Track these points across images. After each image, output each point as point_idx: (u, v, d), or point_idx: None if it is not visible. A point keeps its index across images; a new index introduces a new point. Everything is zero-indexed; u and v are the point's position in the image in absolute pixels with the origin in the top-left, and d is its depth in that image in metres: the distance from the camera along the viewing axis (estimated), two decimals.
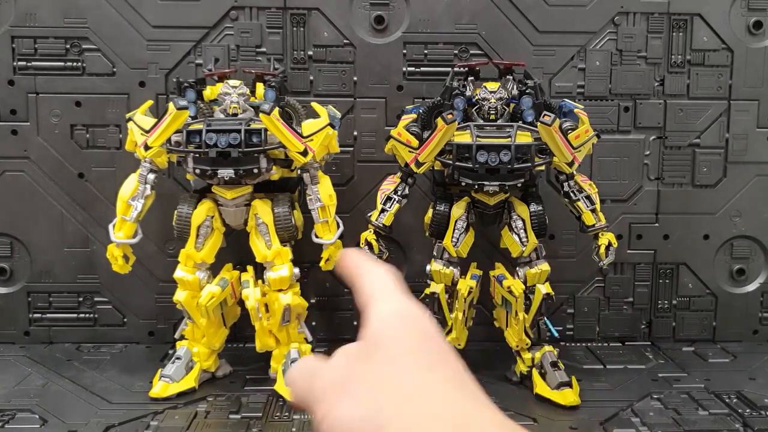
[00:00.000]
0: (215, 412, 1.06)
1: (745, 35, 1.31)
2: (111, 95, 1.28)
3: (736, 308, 1.37)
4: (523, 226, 1.11)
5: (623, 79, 1.31)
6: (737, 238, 1.36)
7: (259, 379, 1.17)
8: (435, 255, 1.14)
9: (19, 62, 1.27)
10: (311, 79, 1.29)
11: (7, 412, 1.04)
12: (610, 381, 1.18)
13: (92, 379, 1.17)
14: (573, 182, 1.12)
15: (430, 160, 1.08)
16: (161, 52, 1.27)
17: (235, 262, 1.20)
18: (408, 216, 1.27)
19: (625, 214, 1.34)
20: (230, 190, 1.11)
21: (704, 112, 1.32)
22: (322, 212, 1.11)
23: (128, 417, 1.03)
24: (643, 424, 1.02)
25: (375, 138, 1.30)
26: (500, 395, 1.12)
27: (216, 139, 1.04)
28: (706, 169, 1.34)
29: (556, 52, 1.30)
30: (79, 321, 1.33)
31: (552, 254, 1.27)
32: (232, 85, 1.10)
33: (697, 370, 1.23)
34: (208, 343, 1.15)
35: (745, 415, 1.05)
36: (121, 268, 1.14)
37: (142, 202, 1.11)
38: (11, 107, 1.28)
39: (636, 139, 1.32)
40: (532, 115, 1.08)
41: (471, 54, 1.29)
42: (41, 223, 1.31)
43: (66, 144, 1.29)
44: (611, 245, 1.12)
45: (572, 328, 1.37)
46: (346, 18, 1.28)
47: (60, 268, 1.32)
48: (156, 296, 1.33)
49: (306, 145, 1.06)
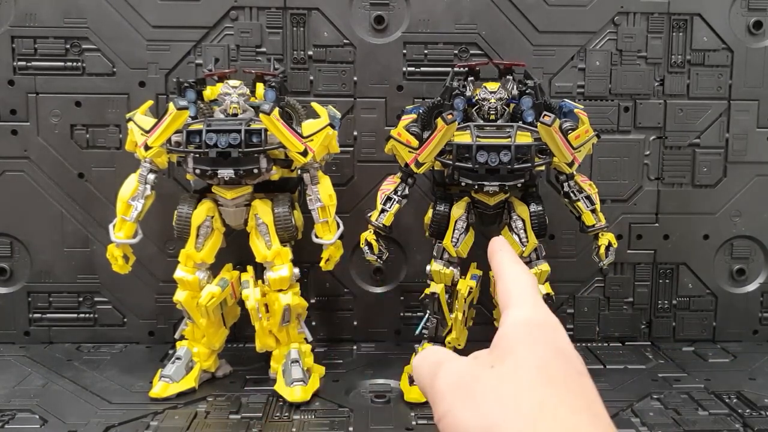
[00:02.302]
0: (215, 413, 1.06)
1: (745, 35, 1.31)
2: (111, 95, 1.28)
3: (736, 308, 1.37)
4: (523, 227, 1.11)
5: (623, 79, 1.31)
6: (737, 238, 1.36)
7: (259, 379, 1.17)
8: (435, 255, 1.14)
9: (19, 62, 1.27)
10: (311, 79, 1.29)
11: (7, 412, 1.04)
12: (610, 381, 1.18)
13: (92, 379, 1.17)
14: (573, 182, 1.12)
15: (430, 160, 1.08)
16: (161, 52, 1.27)
17: (235, 262, 1.20)
18: (408, 216, 1.27)
19: (625, 214, 1.34)
20: (230, 190, 1.11)
21: (704, 112, 1.32)
22: (322, 212, 1.11)
23: (128, 417, 1.03)
24: (643, 424, 1.02)
25: (375, 138, 1.30)
26: None
27: (216, 139, 1.04)
28: (706, 169, 1.34)
29: (556, 52, 1.30)
30: (79, 321, 1.33)
31: (552, 254, 1.27)
32: (232, 85, 1.10)
33: (697, 370, 1.23)
34: (208, 343, 1.15)
35: (745, 415, 1.05)
36: (121, 268, 1.14)
37: (142, 202, 1.11)
38: (11, 107, 1.28)
39: (636, 139, 1.32)
40: (532, 115, 1.08)
41: (471, 54, 1.29)
42: (41, 223, 1.31)
43: (66, 144, 1.29)
44: (611, 245, 1.12)
45: (572, 328, 1.37)
46: (346, 18, 1.28)
47: (60, 268, 1.32)
48: (156, 296, 1.33)
49: (306, 145, 1.06)
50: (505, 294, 0.43)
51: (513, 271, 0.45)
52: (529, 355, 0.38)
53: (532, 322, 0.40)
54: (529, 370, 0.37)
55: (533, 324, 0.40)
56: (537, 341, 0.39)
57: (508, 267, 0.45)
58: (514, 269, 0.45)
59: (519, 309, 0.41)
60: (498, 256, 0.46)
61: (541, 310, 0.41)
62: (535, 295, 0.42)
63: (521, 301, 0.42)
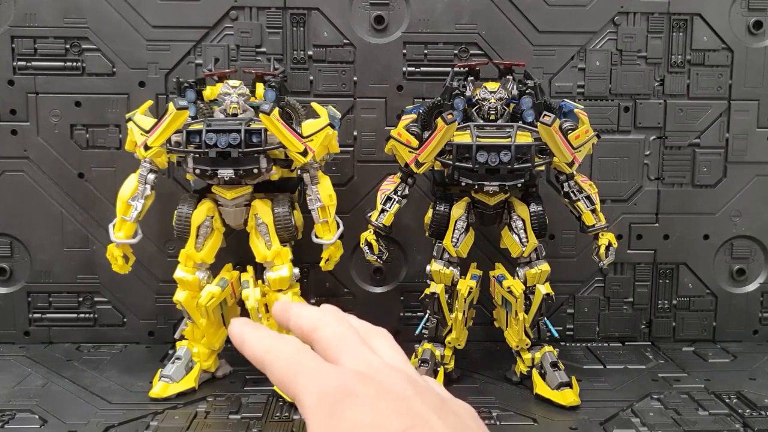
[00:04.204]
0: (215, 413, 1.06)
1: (745, 35, 1.31)
2: (111, 95, 1.28)
3: (736, 308, 1.37)
4: (523, 227, 1.11)
5: (623, 79, 1.31)
6: (737, 238, 1.36)
7: (259, 379, 1.17)
8: (435, 255, 1.14)
9: (19, 62, 1.27)
10: (311, 79, 1.29)
11: (7, 412, 1.04)
12: (610, 381, 1.18)
13: (92, 379, 1.17)
14: (573, 182, 1.12)
15: (430, 160, 1.08)
16: (161, 52, 1.27)
17: (235, 262, 1.20)
18: (408, 216, 1.27)
19: (625, 214, 1.34)
20: (230, 190, 1.11)
21: (704, 112, 1.32)
22: (322, 212, 1.11)
23: (128, 417, 1.03)
24: (643, 425, 1.02)
25: (375, 138, 1.30)
26: (500, 395, 1.12)
27: (216, 139, 1.04)
28: (706, 169, 1.34)
29: (556, 52, 1.30)
30: (79, 321, 1.33)
31: (552, 254, 1.27)
32: (232, 85, 1.10)
33: (697, 370, 1.23)
34: (208, 344, 1.15)
35: (745, 416, 1.05)
36: (121, 268, 1.14)
37: (142, 202, 1.11)
38: (11, 107, 1.28)
39: (636, 139, 1.32)
40: (532, 115, 1.08)
41: (471, 54, 1.29)
42: (41, 223, 1.31)
43: (66, 144, 1.29)
44: (611, 245, 1.12)
45: (572, 328, 1.37)
46: (346, 18, 1.28)
47: (60, 268, 1.32)
48: (156, 296, 1.33)
49: (306, 145, 1.06)
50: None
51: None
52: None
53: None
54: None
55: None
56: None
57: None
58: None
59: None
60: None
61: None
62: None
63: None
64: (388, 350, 0.44)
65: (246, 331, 0.44)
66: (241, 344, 0.44)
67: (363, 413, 0.36)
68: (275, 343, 0.43)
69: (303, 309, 0.46)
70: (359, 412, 0.36)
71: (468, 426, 0.39)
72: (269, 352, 0.42)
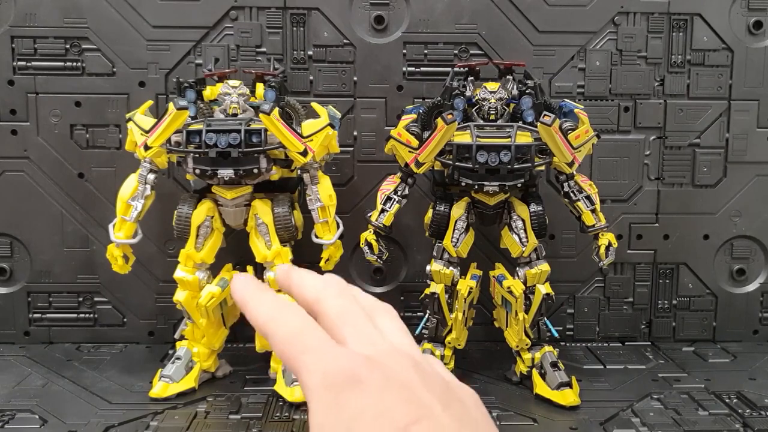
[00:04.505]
0: (215, 413, 1.06)
1: (745, 35, 1.31)
2: (111, 95, 1.28)
3: (736, 308, 1.37)
4: (523, 227, 1.11)
5: (623, 79, 1.31)
6: (737, 238, 1.36)
7: (259, 379, 1.17)
8: (435, 255, 1.14)
9: (19, 62, 1.27)
10: (311, 79, 1.29)
11: (7, 412, 1.04)
12: (610, 381, 1.18)
13: (92, 380, 1.17)
14: (573, 182, 1.12)
15: (430, 160, 1.08)
16: (161, 52, 1.27)
17: (235, 262, 1.20)
18: (408, 216, 1.27)
19: (625, 214, 1.34)
20: (230, 190, 1.11)
21: (704, 112, 1.32)
22: (322, 212, 1.11)
23: (128, 417, 1.03)
24: (643, 425, 1.02)
25: (375, 138, 1.30)
26: (500, 395, 1.12)
27: (216, 139, 1.04)
28: (706, 169, 1.34)
29: (556, 52, 1.30)
30: (79, 321, 1.33)
31: (552, 254, 1.27)
32: (232, 85, 1.10)
33: (697, 370, 1.23)
34: (208, 344, 1.15)
35: (745, 416, 1.05)
36: (121, 268, 1.14)
37: (142, 202, 1.11)
38: (11, 107, 1.28)
39: (636, 139, 1.32)
40: (532, 115, 1.08)
41: (471, 54, 1.29)
42: (41, 223, 1.31)
43: (66, 144, 1.29)
44: (611, 245, 1.12)
45: (572, 328, 1.37)
46: (346, 18, 1.28)
47: (60, 268, 1.32)
48: (156, 296, 1.33)
49: (306, 145, 1.06)
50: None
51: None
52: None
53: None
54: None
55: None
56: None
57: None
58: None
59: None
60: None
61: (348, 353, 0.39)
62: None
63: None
64: (394, 329, 0.43)
65: (249, 292, 0.43)
66: (244, 305, 0.43)
67: (368, 402, 0.36)
68: (279, 312, 0.41)
69: (306, 276, 0.45)
70: (364, 400, 0.36)
71: (472, 415, 0.39)
72: (273, 321, 0.41)
